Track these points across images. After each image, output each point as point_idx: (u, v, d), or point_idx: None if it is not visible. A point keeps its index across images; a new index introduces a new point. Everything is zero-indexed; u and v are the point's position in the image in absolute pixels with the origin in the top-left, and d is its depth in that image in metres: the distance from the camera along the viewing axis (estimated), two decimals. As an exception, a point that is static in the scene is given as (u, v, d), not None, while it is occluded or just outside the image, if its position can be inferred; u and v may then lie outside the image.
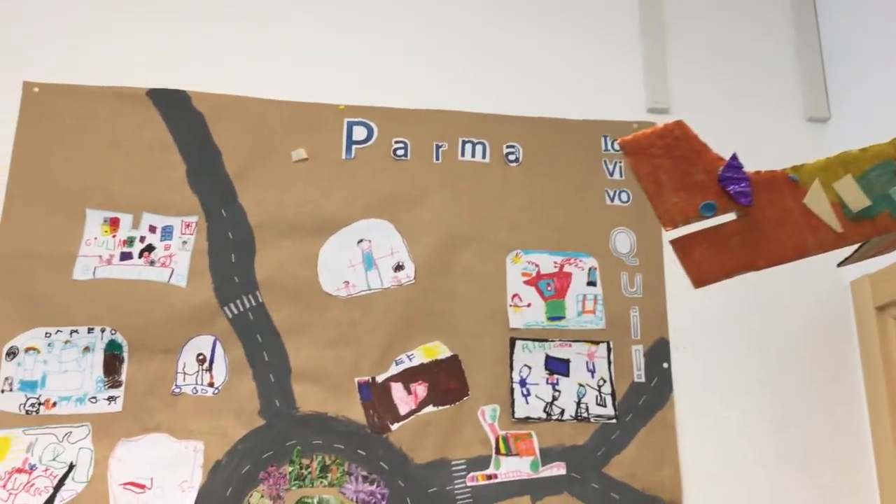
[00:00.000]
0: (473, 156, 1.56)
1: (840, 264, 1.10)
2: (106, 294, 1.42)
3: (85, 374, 1.39)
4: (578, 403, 1.46)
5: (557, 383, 1.47)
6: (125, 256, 1.44)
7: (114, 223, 1.45)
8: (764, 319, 1.54)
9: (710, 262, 0.89)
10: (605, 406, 1.47)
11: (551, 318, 1.50)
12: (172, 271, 1.44)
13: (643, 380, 1.48)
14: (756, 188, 0.88)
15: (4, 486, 1.33)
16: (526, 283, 1.51)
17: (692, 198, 0.86)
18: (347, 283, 1.47)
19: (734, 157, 0.84)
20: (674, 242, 0.92)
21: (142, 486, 1.36)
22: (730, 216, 0.91)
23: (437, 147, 1.55)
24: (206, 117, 1.51)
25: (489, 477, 1.42)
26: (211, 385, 1.41)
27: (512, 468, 1.42)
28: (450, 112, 1.57)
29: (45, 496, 1.33)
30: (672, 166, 0.83)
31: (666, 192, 0.86)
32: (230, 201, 1.48)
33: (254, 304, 1.45)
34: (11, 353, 1.38)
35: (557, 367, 1.48)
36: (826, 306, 1.55)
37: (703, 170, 0.84)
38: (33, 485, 1.33)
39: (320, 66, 1.58)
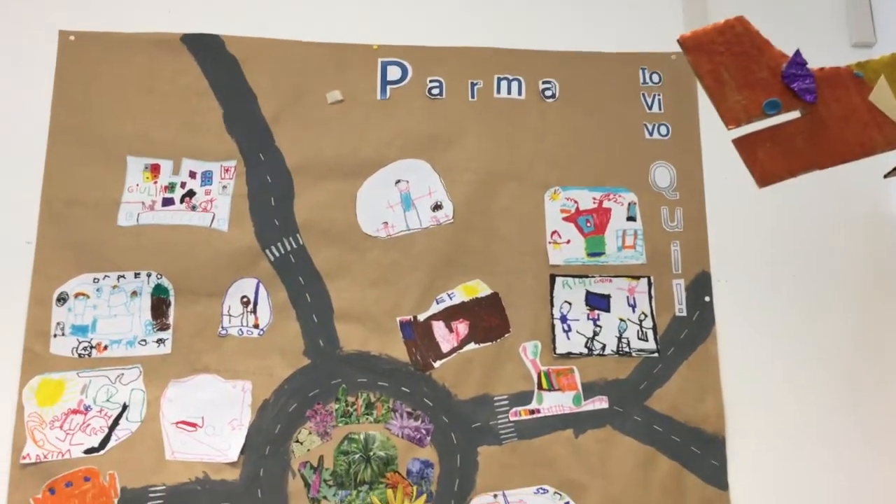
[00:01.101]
0: (509, 93, 1.54)
1: (887, 175, 1.07)
2: (150, 239, 1.44)
3: (133, 317, 1.42)
4: (620, 338, 1.46)
5: (598, 319, 1.47)
6: (167, 202, 1.46)
7: (154, 169, 1.47)
8: (807, 250, 1.52)
9: (774, 161, 0.87)
10: (646, 340, 1.47)
11: (591, 254, 1.49)
12: (214, 216, 1.46)
13: (685, 313, 1.48)
14: (820, 85, 0.85)
15: (62, 427, 1.37)
16: (565, 219, 1.50)
17: (755, 95, 0.83)
18: (386, 223, 1.48)
19: (797, 54, 0.81)
20: (736, 142, 0.90)
21: (193, 425, 1.39)
22: (794, 114, 0.88)
23: (473, 85, 1.54)
24: (240, 61, 1.51)
25: (532, 412, 1.43)
26: (256, 327, 1.43)
27: (554, 403, 1.44)
28: (484, 49, 1.55)
29: (101, 435, 1.37)
30: (734, 63, 0.80)
31: (728, 90, 0.83)
32: (267, 145, 1.48)
33: (294, 246, 1.46)
34: (62, 299, 1.41)
35: (598, 302, 1.48)
36: (872, 237, 1.53)
37: (766, 67, 0.81)
38: (89, 425, 1.37)
39: (353, 5, 1.56)
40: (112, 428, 1.37)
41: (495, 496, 1.39)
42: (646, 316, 1.47)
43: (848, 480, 1.44)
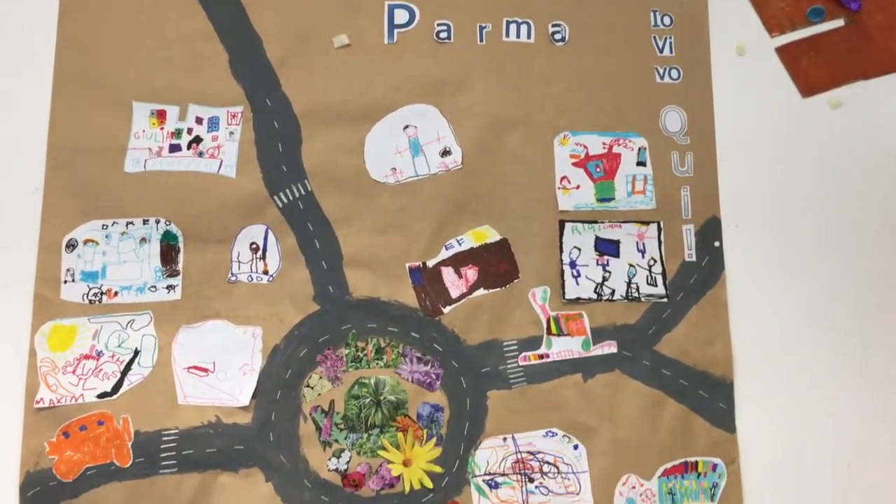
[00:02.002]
0: (518, 36, 1.52)
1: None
2: (158, 186, 1.43)
3: (143, 264, 1.42)
4: (629, 283, 1.46)
5: (608, 264, 1.47)
6: (174, 148, 1.45)
7: (161, 115, 1.45)
8: (820, 194, 1.51)
9: (818, 70, 0.85)
10: (655, 285, 1.47)
11: (601, 200, 1.48)
12: (221, 162, 1.45)
13: (694, 259, 1.48)
14: (866, -7, 0.82)
15: (74, 372, 1.38)
16: (574, 164, 1.49)
17: (799, 2, 0.81)
18: (395, 169, 1.47)
19: (842, -41, 0.79)
20: (780, 50, 0.88)
21: (205, 370, 1.40)
22: (838, 22, 0.86)
23: (481, 28, 1.51)
24: (245, 5, 1.49)
25: (541, 356, 1.44)
26: (265, 273, 1.43)
27: (563, 347, 1.44)
28: (493, -9, 1.53)
29: (114, 380, 1.38)
30: (778, -32, 0.78)
31: (771, -4, 0.80)
32: (274, 90, 1.47)
33: (303, 192, 1.45)
34: (71, 246, 1.41)
35: (607, 248, 1.47)
36: (888, 181, 1.51)
37: (811, -28, 0.79)
38: (101, 370, 1.38)
39: (358, -53, 1.53)
40: (124, 373, 1.38)
41: (504, 439, 1.41)
42: (655, 261, 1.47)
43: (857, 424, 1.45)
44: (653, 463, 1.40)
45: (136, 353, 1.39)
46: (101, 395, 1.37)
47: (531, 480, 1.40)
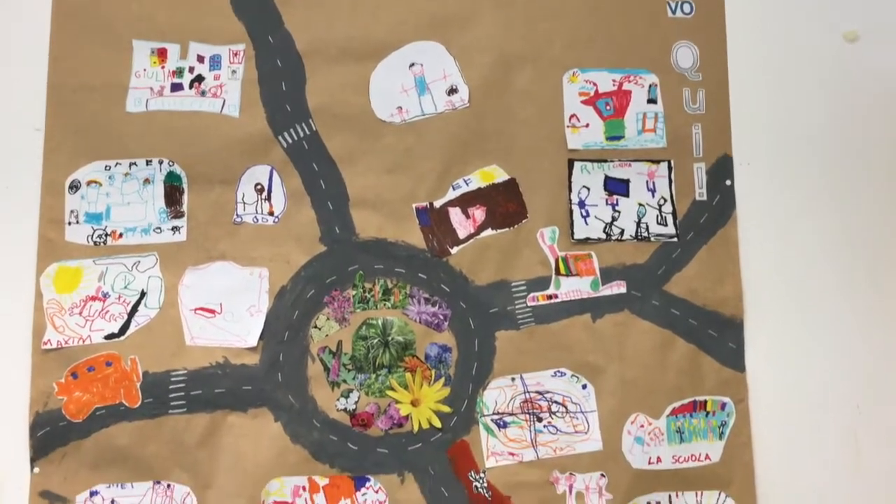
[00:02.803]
0: (526, -31, 1.48)
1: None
2: (160, 126, 1.41)
3: (147, 205, 1.41)
4: (638, 223, 1.45)
5: (617, 204, 1.45)
6: (176, 88, 1.42)
7: (161, 54, 1.42)
8: (833, 133, 1.48)
9: None
10: (665, 225, 1.45)
11: (610, 138, 1.46)
12: (224, 101, 1.42)
13: (705, 198, 1.46)
14: None
15: (81, 313, 1.37)
16: (584, 102, 1.46)
17: None
18: (401, 108, 1.44)
19: None
20: None
21: (212, 311, 1.39)
22: None
23: (488, -38, 1.47)
24: (245, -62, 1.45)
25: (550, 297, 1.43)
26: (271, 214, 1.42)
27: (572, 288, 1.43)
28: (500, -77, 1.48)
29: (121, 322, 1.38)
30: None
31: None
32: (276, 27, 1.44)
33: (307, 132, 1.43)
34: (74, 187, 1.39)
35: (617, 187, 1.45)
36: (900, 118, 1.49)
37: None
38: (108, 311, 1.38)
39: None
40: (131, 314, 1.38)
41: (513, 379, 1.40)
42: (665, 200, 1.45)
43: (867, 363, 1.44)
44: (661, 402, 1.40)
45: (143, 294, 1.39)
46: (109, 337, 1.37)
47: (539, 420, 1.40)
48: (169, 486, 1.35)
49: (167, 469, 1.35)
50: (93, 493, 1.34)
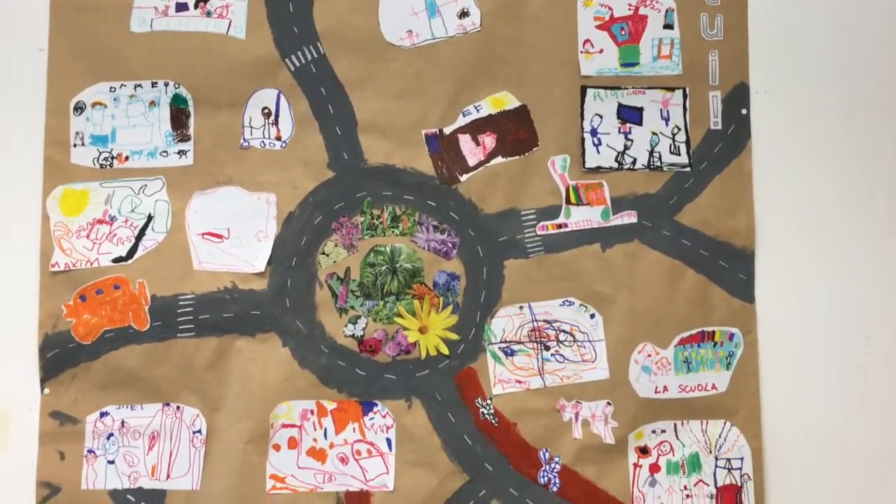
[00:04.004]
0: None
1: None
2: (165, 47, 1.38)
3: (153, 128, 1.39)
4: (651, 152, 1.42)
5: (630, 132, 1.42)
6: (181, 7, 1.39)
7: (166, -28, 1.39)
8: (853, 61, 1.44)
9: None
10: (678, 154, 1.42)
11: (625, 65, 1.42)
12: (230, 22, 1.39)
13: (720, 127, 1.43)
14: None
15: (88, 236, 1.37)
16: (598, 27, 1.42)
17: None
18: (410, 31, 1.41)
19: None
20: None
21: (219, 236, 1.39)
22: None
23: None
24: None
25: (559, 226, 1.41)
26: (278, 139, 1.40)
27: (582, 217, 1.41)
28: None
29: (128, 245, 1.37)
30: None
31: None
32: (284, -54, 1.40)
33: (315, 55, 1.40)
34: (79, 108, 1.38)
35: (630, 115, 1.42)
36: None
37: None
38: (115, 235, 1.37)
39: None
40: (139, 238, 1.37)
41: (521, 308, 1.40)
42: (679, 129, 1.43)
43: (878, 296, 1.43)
44: (669, 332, 1.40)
45: (150, 218, 1.38)
46: (116, 260, 1.37)
47: (547, 348, 1.40)
48: (178, 408, 1.36)
49: (176, 391, 1.36)
50: (103, 414, 1.35)
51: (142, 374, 1.36)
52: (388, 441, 1.37)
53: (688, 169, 1.42)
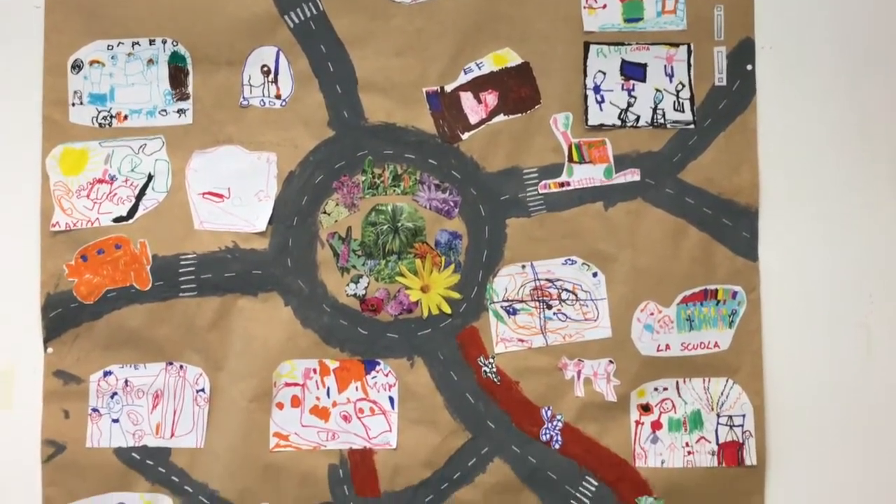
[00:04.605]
0: None
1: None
2: (163, 3, 1.37)
3: (152, 86, 1.38)
4: (655, 109, 1.41)
5: (633, 89, 1.41)
6: (178, -37, 1.37)
7: (161, -73, 1.37)
8: (862, 17, 1.42)
9: None
10: (682, 111, 1.41)
11: (628, 20, 1.40)
12: (228, -22, 1.37)
13: (724, 83, 1.41)
14: None
15: (88, 196, 1.36)
16: (601, -19, 1.40)
17: None
18: (411, -13, 1.39)
19: None
20: None
21: (220, 196, 1.38)
22: None
23: None
24: None
25: (562, 184, 1.40)
26: (278, 97, 1.39)
27: (585, 175, 1.40)
28: None
29: (129, 205, 1.37)
30: None
31: None
32: None
33: (315, 12, 1.38)
34: (77, 67, 1.36)
35: (634, 72, 1.41)
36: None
37: None
38: (115, 194, 1.37)
39: None
40: (139, 198, 1.37)
41: (523, 267, 1.40)
42: (683, 86, 1.41)
43: (882, 255, 1.42)
44: (672, 290, 1.39)
45: (150, 177, 1.37)
46: (117, 220, 1.36)
47: (549, 307, 1.40)
48: (181, 367, 1.36)
49: (179, 351, 1.36)
50: (106, 373, 1.36)
51: (144, 334, 1.36)
52: (391, 399, 1.38)
53: (692, 126, 1.40)
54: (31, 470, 1.34)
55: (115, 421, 1.35)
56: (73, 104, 1.36)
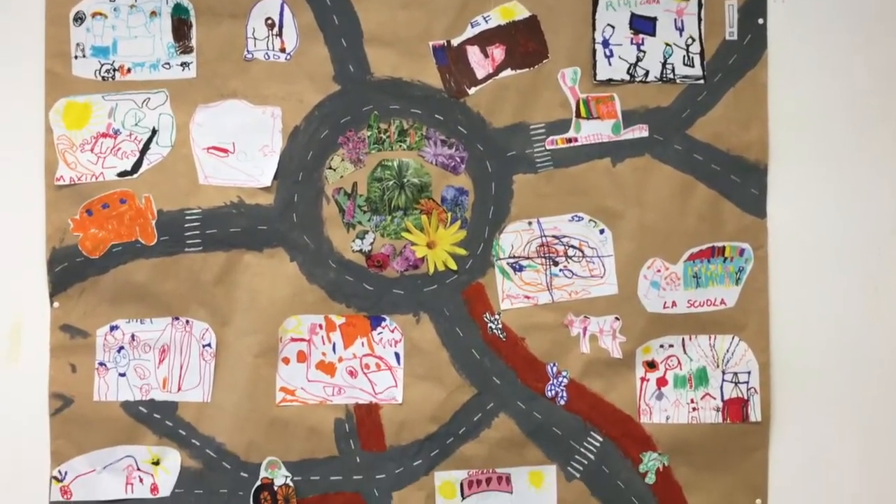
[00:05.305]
0: None
1: None
2: (165, -46, 1.35)
3: (155, 39, 1.36)
4: (664, 64, 1.39)
5: (642, 43, 1.39)
6: (180, -87, 1.35)
7: None
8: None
9: None
10: (692, 66, 1.39)
11: (638, -28, 1.38)
12: (231, -72, 1.35)
13: (735, 37, 1.39)
14: None
15: (92, 150, 1.35)
16: (611, -68, 1.38)
17: None
18: (417, -62, 1.37)
19: None
20: None
21: (225, 151, 1.37)
22: None
23: None
24: None
25: (569, 140, 1.39)
26: (283, 51, 1.37)
27: (592, 131, 1.39)
28: None
29: (133, 159, 1.36)
30: None
31: None
32: None
33: (319, -37, 1.36)
34: (79, 19, 1.35)
35: (643, 25, 1.39)
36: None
37: None
38: (120, 148, 1.36)
39: None
40: (143, 152, 1.36)
41: (529, 223, 1.39)
42: (693, 40, 1.39)
43: (892, 211, 1.41)
44: (679, 247, 1.39)
45: (154, 132, 1.36)
46: (122, 174, 1.35)
47: (555, 264, 1.39)
48: (188, 322, 1.36)
49: (185, 306, 1.36)
50: (113, 328, 1.36)
51: (150, 289, 1.36)
52: (397, 355, 1.38)
53: (701, 81, 1.39)
54: (39, 423, 1.35)
55: (122, 375, 1.36)
56: (76, 57, 1.35)
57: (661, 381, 1.39)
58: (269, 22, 1.37)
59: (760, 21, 1.39)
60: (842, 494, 1.40)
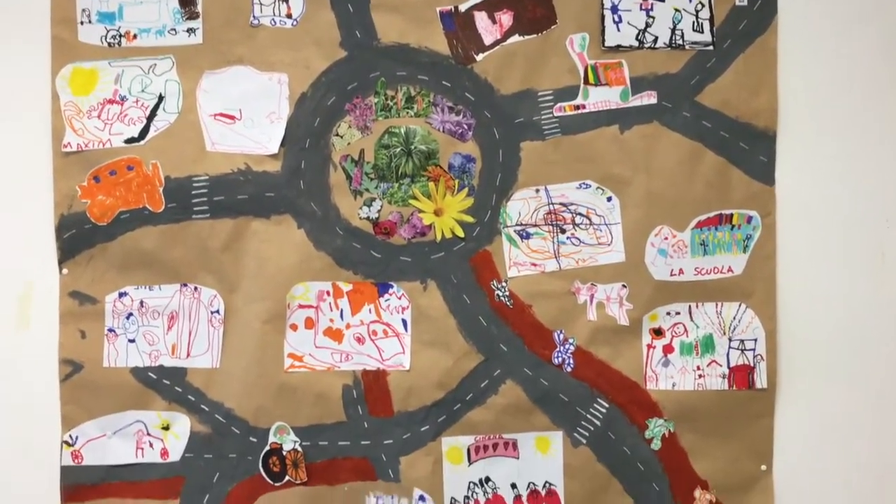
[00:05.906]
0: None
1: None
2: (170, -82, 1.33)
3: (161, 4, 1.35)
4: (673, 30, 1.38)
5: (651, 9, 1.38)
6: None
7: None
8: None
9: None
10: (701, 32, 1.38)
11: (648, -64, 1.37)
12: None
13: (745, 3, 1.38)
14: None
15: (99, 116, 1.35)
16: None
17: None
18: None
19: None
20: None
21: (231, 117, 1.37)
22: None
23: None
24: None
25: (577, 107, 1.38)
26: (289, 16, 1.36)
27: (601, 98, 1.38)
28: None
29: (140, 126, 1.36)
30: None
31: None
32: None
33: (326, -73, 1.35)
34: (84, -16, 1.34)
35: (652, -10, 1.38)
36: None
37: None
38: (126, 115, 1.35)
39: None
40: (150, 118, 1.36)
41: (537, 191, 1.39)
42: (703, 6, 1.38)
43: (898, 178, 1.41)
44: (687, 214, 1.38)
45: (161, 98, 1.36)
46: (129, 141, 1.35)
47: (563, 231, 1.39)
48: (196, 288, 1.37)
49: (193, 272, 1.37)
50: (121, 294, 1.37)
51: (158, 255, 1.36)
52: (404, 322, 1.38)
53: (710, 47, 1.38)
54: (49, 389, 1.36)
55: (132, 341, 1.37)
56: (82, 22, 1.34)
57: (668, 349, 1.39)
58: (276, -14, 1.36)
59: (771, -14, 1.37)
60: (847, 460, 1.41)
